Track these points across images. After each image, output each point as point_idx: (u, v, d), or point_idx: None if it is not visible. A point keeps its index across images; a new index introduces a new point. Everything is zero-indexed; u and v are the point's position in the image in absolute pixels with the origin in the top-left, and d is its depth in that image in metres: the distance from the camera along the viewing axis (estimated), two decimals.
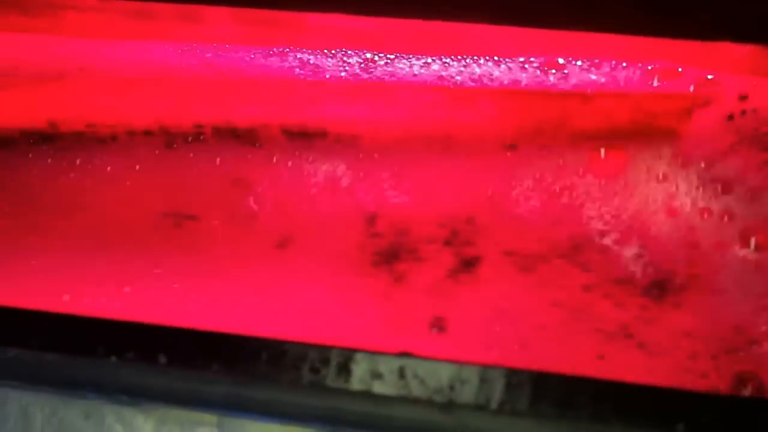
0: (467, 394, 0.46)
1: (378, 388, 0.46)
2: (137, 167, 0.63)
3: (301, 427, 0.56)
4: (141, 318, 0.47)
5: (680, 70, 0.61)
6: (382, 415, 0.55)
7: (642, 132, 0.61)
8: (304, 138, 0.64)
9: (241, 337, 0.47)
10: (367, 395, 0.46)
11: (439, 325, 0.58)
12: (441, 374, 0.46)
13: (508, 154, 0.62)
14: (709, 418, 0.45)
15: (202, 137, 0.64)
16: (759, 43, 0.59)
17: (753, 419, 0.45)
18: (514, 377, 0.46)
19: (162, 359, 0.46)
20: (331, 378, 0.46)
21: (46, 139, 0.65)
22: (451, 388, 0.46)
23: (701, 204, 0.60)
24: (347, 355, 0.46)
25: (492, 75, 0.63)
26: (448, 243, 0.61)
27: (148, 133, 0.64)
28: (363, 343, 0.54)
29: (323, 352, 0.46)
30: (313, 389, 0.47)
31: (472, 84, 0.63)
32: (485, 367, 0.46)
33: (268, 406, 0.57)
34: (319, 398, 0.52)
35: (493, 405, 0.45)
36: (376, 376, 0.46)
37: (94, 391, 0.57)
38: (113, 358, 0.46)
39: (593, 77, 0.62)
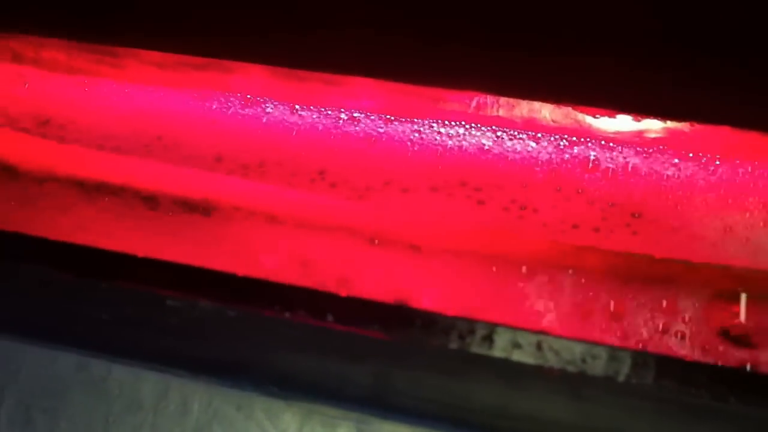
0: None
1: (517, 356, 0.52)
2: None
3: (431, 429, 0.60)
4: None
5: None
6: (508, 415, 0.60)
7: None
8: None
9: (397, 306, 0.54)
10: (506, 364, 0.52)
11: None
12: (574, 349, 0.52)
13: None
14: None
15: None
16: None
17: None
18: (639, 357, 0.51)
19: (329, 318, 0.53)
20: (475, 345, 0.52)
21: None
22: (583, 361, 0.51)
23: None
24: (491, 328, 0.53)
25: None
26: None
27: None
28: None
29: (470, 324, 0.53)
30: (458, 358, 0.53)
31: None
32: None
33: (403, 405, 0.63)
34: (457, 379, 0.57)
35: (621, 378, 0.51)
36: (516, 346, 0.52)
37: (248, 381, 0.63)
38: (287, 314, 0.53)
39: None
